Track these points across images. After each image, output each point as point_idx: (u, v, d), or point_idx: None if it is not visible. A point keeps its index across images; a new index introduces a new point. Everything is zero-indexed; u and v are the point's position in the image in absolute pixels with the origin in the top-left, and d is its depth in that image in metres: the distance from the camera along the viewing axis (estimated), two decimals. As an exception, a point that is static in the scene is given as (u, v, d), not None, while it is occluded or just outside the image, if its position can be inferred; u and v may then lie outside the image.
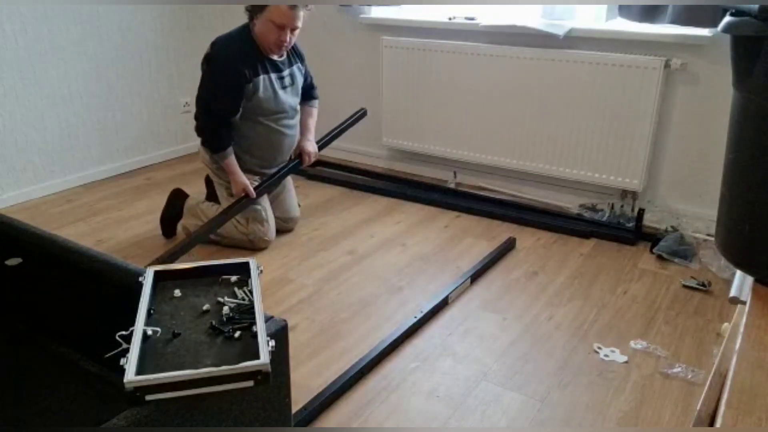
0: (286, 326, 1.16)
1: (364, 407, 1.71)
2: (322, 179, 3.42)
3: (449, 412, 1.69)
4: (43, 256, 1.45)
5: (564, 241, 2.71)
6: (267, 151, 2.63)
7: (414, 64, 3.22)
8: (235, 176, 2.54)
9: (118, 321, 1.12)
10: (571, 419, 1.66)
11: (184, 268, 1.29)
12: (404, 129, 3.39)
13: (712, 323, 2.09)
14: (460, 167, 3.33)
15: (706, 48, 2.56)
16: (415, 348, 1.97)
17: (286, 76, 2.59)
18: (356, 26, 3.44)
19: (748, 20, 0.89)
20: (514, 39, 2.94)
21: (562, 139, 2.91)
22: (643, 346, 1.96)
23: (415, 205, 3.10)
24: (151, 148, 3.65)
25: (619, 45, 2.71)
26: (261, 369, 0.99)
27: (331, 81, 3.58)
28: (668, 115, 2.72)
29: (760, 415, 0.75)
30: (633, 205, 2.88)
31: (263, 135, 2.58)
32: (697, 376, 1.81)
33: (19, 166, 3.07)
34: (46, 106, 3.11)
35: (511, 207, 3.01)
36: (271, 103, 2.53)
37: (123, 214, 2.97)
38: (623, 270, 2.46)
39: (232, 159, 2.53)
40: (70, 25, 3.12)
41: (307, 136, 2.77)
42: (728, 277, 2.33)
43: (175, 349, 1.05)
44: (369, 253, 2.60)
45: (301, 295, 2.27)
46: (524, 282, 2.37)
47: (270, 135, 2.59)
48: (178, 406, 0.99)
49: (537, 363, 1.89)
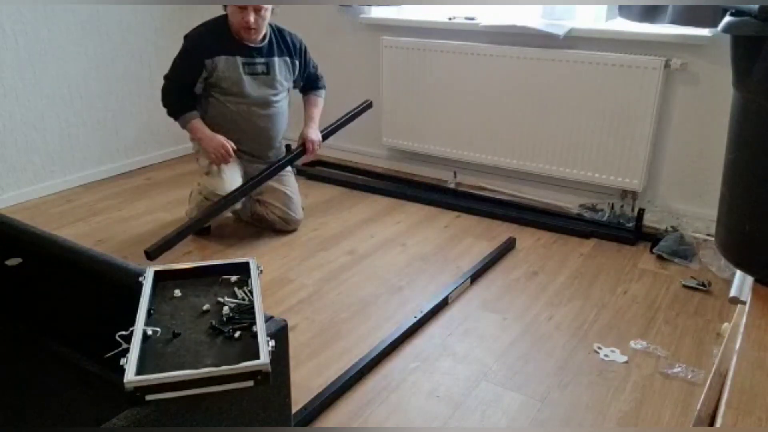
0: (286, 326, 1.16)
1: (364, 407, 1.71)
2: (322, 179, 3.42)
3: (449, 412, 1.69)
4: (43, 256, 1.45)
5: (564, 241, 2.71)
6: (241, 136, 2.62)
7: (414, 64, 3.22)
8: (204, 135, 2.54)
9: (118, 321, 1.12)
10: (571, 419, 1.66)
11: (184, 268, 1.29)
12: (404, 129, 3.39)
13: (712, 323, 2.09)
14: (460, 167, 3.33)
15: (706, 48, 2.56)
16: (415, 348, 1.97)
17: (260, 64, 2.59)
18: (356, 26, 3.44)
19: (748, 20, 0.89)
20: (514, 39, 2.94)
21: (562, 139, 2.91)
22: (643, 346, 1.96)
23: (415, 205, 3.10)
24: (151, 148, 3.65)
25: (619, 45, 2.71)
26: (261, 369, 0.99)
27: (331, 81, 3.56)
28: (668, 115, 2.72)
29: (760, 415, 0.75)
30: (633, 205, 2.88)
31: (230, 118, 2.59)
32: (697, 376, 1.81)
33: (19, 166, 3.07)
34: (46, 106, 3.11)
35: (511, 207, 3.01)
36: (233, 84, 2.55)
37: (123, 214, 2.97)
38: (623, 270, 2.46)
39: (195, 123, 2.55)
40: (70, 25, 3.12)
41: (309, 125, 2.78)
42: (728, 277, 2.33)
43: (175, 349, 1.05)
44: (369, 253, 2.60)
45: (301, 295, 2.27)
46: (524, 282, 2.37)
47: (238, 119, 2.60)
48: (178, 406, 0.99)
49: (537, 363, 1.89)
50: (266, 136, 2.70)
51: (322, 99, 2.89)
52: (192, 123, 2.56)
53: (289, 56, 2.69)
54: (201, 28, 2.56)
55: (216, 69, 2.52)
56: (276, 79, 2.65)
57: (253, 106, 2.62)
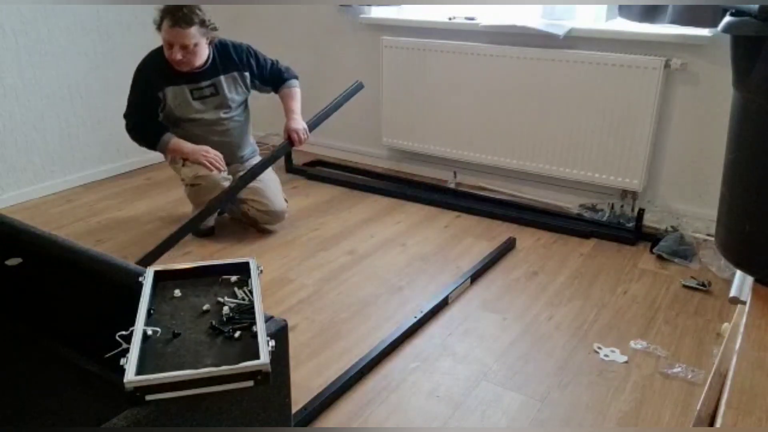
0: (286, 326, 1.16)
1: (364, 407, 1.71)
2: (322, 179, 3.42)
3: (449, 412, 1.69)
4: (43, 256, 1.45)
5: (564, 241, 2.71)
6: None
7: (414, 64, 3.22)
8: (189, 150, 2.56)
9: (118, 321, 1.12)
10: (571, 419, 1.66)
11: (184, 268, 1.29)
12: (404, 129, 3.39)
13: (712, 323, 2.09)
14: (460, 167, 3.33)
15: (706, 48, 2.55)
16: (415, 348, 1.97)
17: (206, 86, 2.60)
18: (356, 26, 3.44)
19: (748, 20, 0.89)
20: (514, 39, 2.94)
21: (562, 139, 2.91)
22: (643, 346, 1.96)
23: (415, 205, 3.10)
24: (151, 148, 3.65)
25: (619, 45, 2.71)
26: (261, 369, 0.99)
27: (331, 81, 3.57)
28: (668, 115, 2.72)
29: (760, 415, 0.75)
30: (633, 205, 2.88)
31: (192, 140, 2.61)
32: (697, 376, 1.81)
33: (19, 166, 3.07)
34: (46, 106, 3.11)
35: (511, 207, 3.01)
36: (185, 112, 2.59)
37: (123, 214, 2.97)
38: (623, 270, 2.46)
39: (174, 143, 2.57)
40: (70, 25, 3.12)
41: (291, 117, 2.73)
42: (728, 277, 2.33)
43: (175, 349, 1.05)
44: (369, 253, 2.60)
45: (301, 295, 2.27)
46: (524, 282, 2.37)
47: (199, 140, 2.61)
48: (178, 406, 0.99)
49: (537, 363, 1.89)
50: (229, 148, 2.72)
51: (297, 88, 2.81)
52: (171, 144, 2.57)
53: (237, 70, 2.66)
54: (146, 62, 2.58)
55: (166, 101, 2.55)
56: (226, 97, 2.65)
57: (209, 127, 2.65)
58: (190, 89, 2.57)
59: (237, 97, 2.69)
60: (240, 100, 2.72)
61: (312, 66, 3.61)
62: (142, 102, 2.57)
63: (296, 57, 3.41)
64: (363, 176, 3.46)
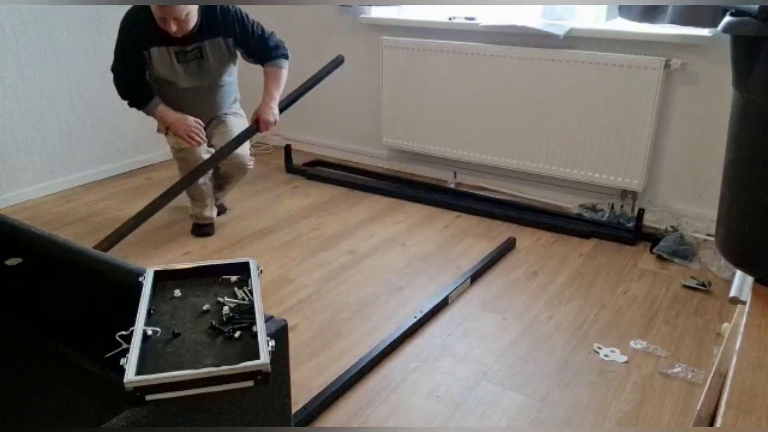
0: (286, 326, 1.16)
1: (364, 407, 1.71)
2: (322, 179, 3.42)
3: (449, 412, 1.69)
4: (43, 256, 1.45)
5: (564, 241, 2.71)
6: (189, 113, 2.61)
7: (414, 64, 3.22)
8: (173, 119, 2.56)
9: (118, 321, 1.12)
10: (571, 419, 1.66)
11: (184, 268, 1.29)
12: (404, 129, 3.39)
13: (712, 323, 2.09)
14: (460, 167, 3.33)
15: (706, 48, 2.56)
16: (415, 348, 1.97)
17: (190, 50, 2.56)
18: (356, 26, 3.44)
19: (748, 20, 0.89)
20: (514, 39, 2.94)
21: (562, 139, 2.91)
22: (643, 346, 1.96)
23: (415, 205, 3.10)
24: (151, 148, 3.65)
25: (619, 45, 2.71)
26: (261, 369, 0.99)
27: (331, 81, 3.57)
28: (668, 115, 2.72)
29: (760, 415, 0.75)
30: (633, 205, 2.88)
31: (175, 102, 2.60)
32: (697, 376, 1.81)
33: (19, 166, 3.07)
34: (46, 106, 3.11)
35: (511, 207, 3.01)
36: (168, 75, 2.56)
37: (123, 214, 2.97)
38: (623, 270, 2.46)
39: (161, 110, 2.57)
40: (70, 25, 3.12)
41: (266, 101, 2.64)
42: (728, 277, 2.33)
43: (175, 349, 1.05)
44: (369, 253, 2.60)
45: (301, 295, 2.27)
46: (524, 282, 2.37)
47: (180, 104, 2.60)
48: (178, 406, 0.99)
49: (537, 363, 1.89)
50: (211, 111, 2.72)
51: (283, 69, 2.69)
52: (157, 110, 2.57)
53: (222, 35, 2.57)
54: (133, 19, 2.50)
55: (152, 61, 2.53)
56: (209, 62, 2.59)
57: (193, 92, 2.63)
58: (174, 51, 2.53)
59: (221, 61, 2.63)
60: (224, 65, 2.66)
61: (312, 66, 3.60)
62: (129, 58, 2.53)
63: (296, 57, 3.40)
64: (363, 176, 3.46)
